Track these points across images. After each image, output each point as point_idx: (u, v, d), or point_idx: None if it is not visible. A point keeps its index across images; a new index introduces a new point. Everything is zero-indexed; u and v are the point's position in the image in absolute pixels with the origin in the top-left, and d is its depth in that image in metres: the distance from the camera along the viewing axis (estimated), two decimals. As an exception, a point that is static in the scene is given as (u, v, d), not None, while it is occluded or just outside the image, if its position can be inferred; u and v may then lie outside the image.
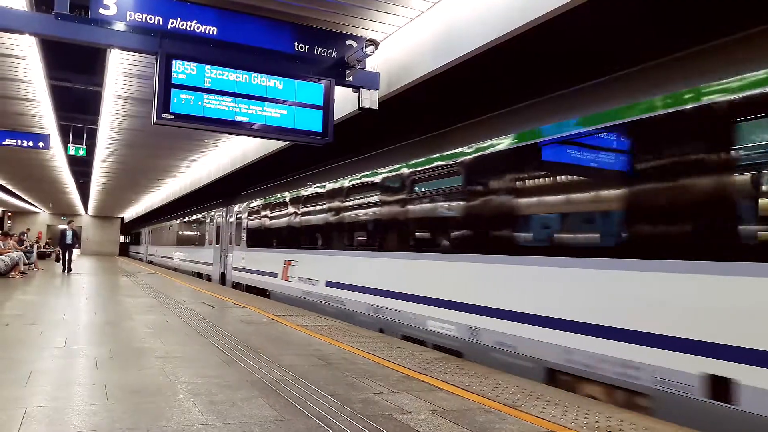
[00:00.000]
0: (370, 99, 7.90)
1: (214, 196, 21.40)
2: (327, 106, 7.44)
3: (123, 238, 55.65)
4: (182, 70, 6.69)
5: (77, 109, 15.16)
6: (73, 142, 16.66)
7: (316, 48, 7.38)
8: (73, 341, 6.29)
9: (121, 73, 10.29)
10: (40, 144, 15.05)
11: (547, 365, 5.38)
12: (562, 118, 5.57)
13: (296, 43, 7.28)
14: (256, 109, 7.09)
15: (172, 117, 6.66)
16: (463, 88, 13.41)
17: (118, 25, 6.52)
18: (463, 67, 7.06)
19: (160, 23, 6.63)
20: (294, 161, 15.46)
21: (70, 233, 20.02)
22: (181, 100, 6.69)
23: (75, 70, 12.61)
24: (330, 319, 9.08)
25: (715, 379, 4.00)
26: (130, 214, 48.73)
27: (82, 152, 16.94)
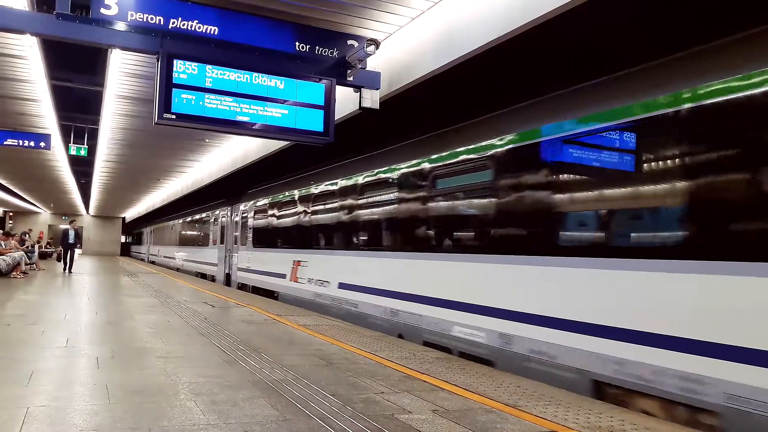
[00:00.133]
0: (372, 99, 7.90)
1: (216, 196, 21.34)
2: (328, 106, 7.44)
3: (124, 238, 55.72)
4: (183, 69, 6.69)
5: (78, 109, 15.18)
6: (74, 142, 16.68)
7: (318, 48, 7.38)
8: (75, 341, 6.30)
9: (123, 73, 10.30)
10: (42, 144, 15.06)
11: (595, 377, 4.88)
12: (588, 112, 5.18)
13: (297, 43, 7.29)
14: (257, 109, 7.09)
15: (173, 117, 6.67)
16: (464, 88, 13.41)
17: (119, 25, 6.52)
18: (464, 67, 7.05)
19: (161, 23, 6.63)
20: (295, 161, 15.45)
21: (72, 233, 19.99)
22: (182, 100, 6.70)
23: (76, 70, 12.63)
24: (331, 319, 9.08)
25: None
26: (132, 214, 48.81)
27: (83, 152, 16.96)
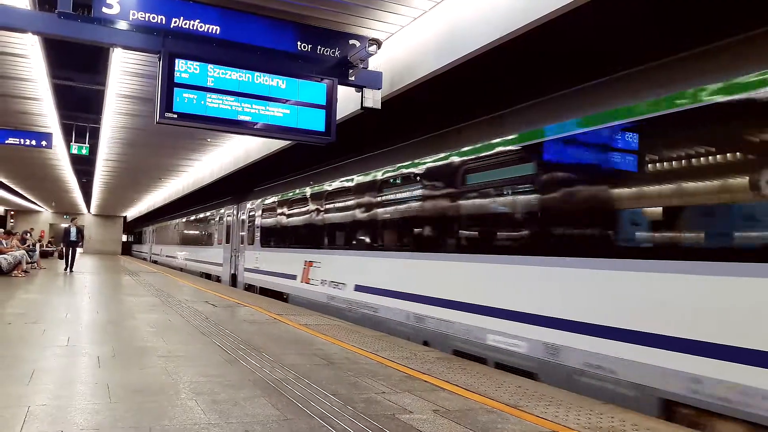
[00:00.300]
0: (373, 98, 7.89)
1: (218, 195, 21.31)
2: (330, 106, 7.44)
3: (125, 237, 55.77)
4: (185, 69, 6.70)
5: (80, 108, 15.20)
6: (75, 141, 16.70)
7: (319, 47, 7.38)
8: (76, 340, 6.30)
9: (124, 72, 10.31)
10: (43, 143, 15.07)
11: (665, 396, 4.37)
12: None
13: (299, 43, 7.28)
14: (258, 109, 7.09)
15: (175, 116, 6.67)
16: (466, 88, 13.40)
17: (121, 24, 6.52)
18: (466, 67, 7.05)
19: (163, 22, 6.63)
20: (297, 160, 15.45)
21: (74, 230, 19.53)
22: (184, 100, 6.70)
23: (78, 69, 12.65)
24: (332, 319, 9.08)
25: None
26: (133, 213, 48.87)
27: (84, 151, 16.99)
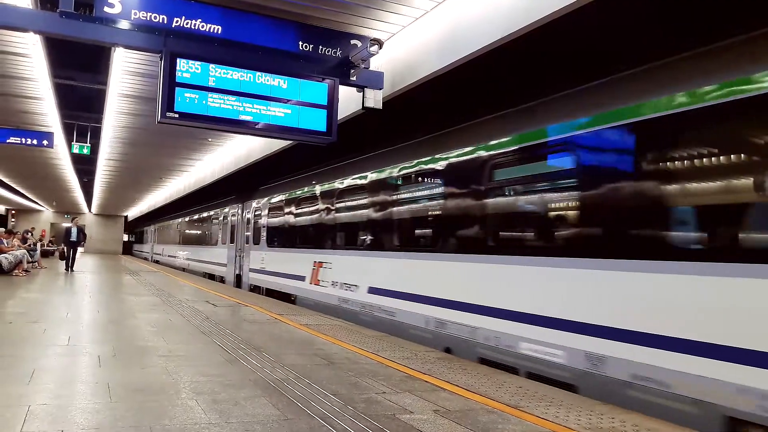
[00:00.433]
0: (374, 98, 7.89)
1: (219, 195, 21.28)
2: (331, 106, 7.43)
3: (126, 237, 55.81)
4: (187, 68, 6.70)
5: (81, 107, 15.23)
6: (77, 141, 16.71)
7: (321, 47, 7.37)
8: (76, 339, 6.30)
9: (126, 71, 10.32)
10: (44, 142, 15.09)
11: (727, 413, 3.97)
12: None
13: (301, 43, 7.28)
14: (260, 109, 7.09)
15: (176, 116, 6.67)
16: (468, 88, 13.39)
17: (123, 24, 6.52)
18: (467, 67, 7.04)
19: (165, 22, 6.63)
20: (298, 160, 15.45)
21: (75, 230, 19.50)
22: (186, 99, 6.70)
23: (79, 69, 12.67)
24: (333, 319, 9.07)
25: None
26: (134, 212, 48.92)
27: (85, 150, 16.99)
